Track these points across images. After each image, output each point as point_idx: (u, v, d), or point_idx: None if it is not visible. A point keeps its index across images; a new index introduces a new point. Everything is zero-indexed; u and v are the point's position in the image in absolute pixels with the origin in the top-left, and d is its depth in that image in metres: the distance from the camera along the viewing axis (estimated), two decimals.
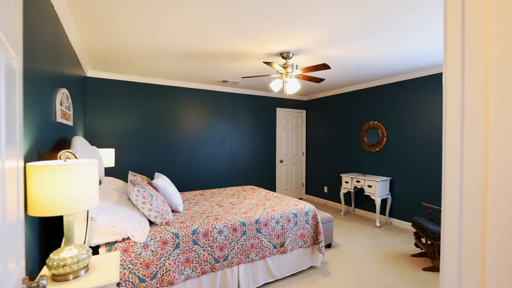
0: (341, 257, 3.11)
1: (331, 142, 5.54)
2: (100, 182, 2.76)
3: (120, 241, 1.86)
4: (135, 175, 2.80)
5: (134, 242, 1.89)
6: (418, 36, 2.63)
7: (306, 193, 6.28)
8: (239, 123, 5.36)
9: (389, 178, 4.32)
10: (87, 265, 1.28)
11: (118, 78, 4.15)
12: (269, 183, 5.77)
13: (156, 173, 2.90)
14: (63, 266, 1.17)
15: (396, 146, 4.30)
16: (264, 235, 2.51)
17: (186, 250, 2.09)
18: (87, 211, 1.60)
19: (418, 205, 4.01)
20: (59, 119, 2.00)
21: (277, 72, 3.17)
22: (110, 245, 1.83)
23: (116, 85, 4.16)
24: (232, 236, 2.33)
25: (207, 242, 2.19)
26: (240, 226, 2.39)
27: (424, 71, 3.87)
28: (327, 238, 3.30)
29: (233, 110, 5.28)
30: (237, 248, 2.34)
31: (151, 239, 1.96)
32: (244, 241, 2.38)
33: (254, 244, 2.44)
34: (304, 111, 6.25)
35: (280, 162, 5.90)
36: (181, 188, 4.71)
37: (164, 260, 1.97)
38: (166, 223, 2.17)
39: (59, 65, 2.13)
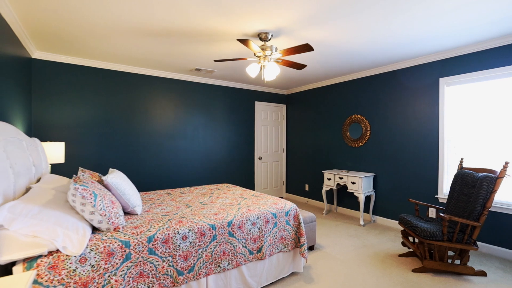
0: (325, 260, 2.82)
1: (313, 137, 5.29)
2: (38, 180, 2.26)
3: (45, 255, 1.42)
4: (84, 172, 2.33)
5: (67, 255, 1.46)
6: (408, 15, 2.39)
7: (287, 191, 5.99)
8: (214, 117, 4.95)
9: (373, 174, 4.12)
10: None
11: (73, 61, 3.60)
12: (247, 182, 5.41)
13: (110, 169, 2.44)
14: None
15: (380, 140, 4.11)
16: (238, 239, 2.14)
17: (140, 262, 1.67)
18: None
19: (403, 201, 3.83)
20: None
21: (254, 54, 2.83)
22: (30, 261, 1.38)
23: (70, 70, 3.61)
24: (199, 242, 1.94)
25: (167, 251, 1.79)
26: (209, 230, 2.01)
27: (409, 61, 3.69)
28: (310, 239, 3.00)
29: (208, 103, 4.87)
30: (206, 256, 1.96)
31: (91, 250, 1.53)
32: (214, 248, 2.01)
33: (226, 251, 2.06)
34: (284, 106, 5.97)
35: (259, 159, 5.56)
36: (148, 188, 4.23)
37: (109, 276, 1.55)
38: (115, 229, 1.74)
39: None
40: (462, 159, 2.96)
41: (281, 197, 5.89)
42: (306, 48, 2.55)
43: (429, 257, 2.64)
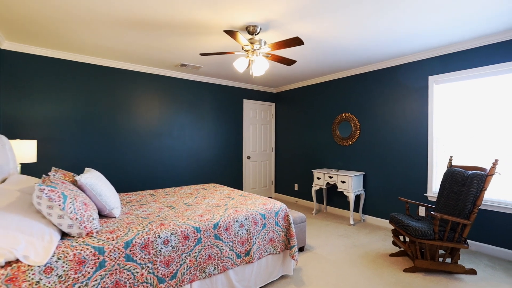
0: (316, 262, 2.74)
1: (302, 136, 5.22)
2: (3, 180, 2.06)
3: (2, 267, 1.24)
4: (57, 171, 2.14)
5: (29, 265, 1.28)
6: (397, 11, 2.33)
7: (276, 191, 5.90)
8: (202, 114, 4.79)
9: (363, 173, 4.09)
10: None
11: (47, 54, 3.36)
12: (235, 182, 5.28)
13: (86, 168, 2.25)
14: None
15: (370, 139, 4.08)
16: (225, 242, 2.01)
17: (116, 270, 1.51)
18: None
19: (392, 200, 3.81)
20: None
21: (242, 48, 2.70)
22: None
23: (45, 62, 3.36)
24: (183, 246, 1.80)
25: (147, 257, 1.64)
26: (194, 233, 1.87)
27: (398, 59, 3.67)
28: (300, 240, 2.90)
29: (195, 100, 4.70)
30: (190, 261, 1.82)
31: (59, 258, 1.36)
32: (199, 252, 1.87)
33: (212, 255, 1.93)
34: (273, 104, 5.87)
35: (248, 158, 5.44)
36: (132, 188, 4.03)
37: (79, 287, 1.39)
38: (88, 233, 1.58)
39: None
40: (451, 157, 2.95)
41: (270, 197, 5.80)
42: (296, 41, 2.45)
43: (421, 256, 2.60)
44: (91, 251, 1.46)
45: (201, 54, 2.76)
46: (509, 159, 2.87)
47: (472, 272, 2.53)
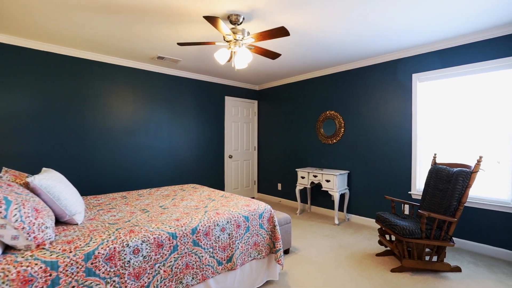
0: (302, 265, 2.60)
1: (286, 135, 5.10)
2: None
3: None
4: (7, 172, 1.85)
5: None
6: (383, 5, 2.25)
7: (259, 191, 5.74)
8: (181, 112, 4.53)
9: (347, 171, 4.03)
10: None
11: (1, 40, 2.98)
12: (217, 182, 5.06)
13: (43, 168, 1.97)
14: None
15: (354, 137, 4.03)
16: (204, 248, 1.82)
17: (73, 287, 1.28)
18: None
19: (376, 199, 3.78)
20: None
21: (224, 38, 2.52)
22: None
23: None
24: (156, 255, 1.59)
25: (112, 270, 1.41)
26: (169, 240, 1.66)
27: (383, 57, 3.64)
28: (285, 242, 2.76)
29: (173, 96, 4.44)
30: (164, 272, 1.61)
31: None
32: (175, 261, 1.66)
33: (190, 263, 1.73)
34: (256, 102, 5.71)
35: (229, 157, 5.24)
36: (102, 191, 3.70)
37: None
38: (38, 245, 1.33)
39: None
40: (435, 154, 2.94)
41: (253, 198, 5.64)
42: (281, 32, 2.31)
43: (409, 256, 2.54)
44: (41, 267, 1.22)
45: (179, 44, 2.54)
46: (490, 156, 2.90)
47: (457, 269, 2.51)
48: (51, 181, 1.69)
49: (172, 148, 4.42)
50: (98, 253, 1.39)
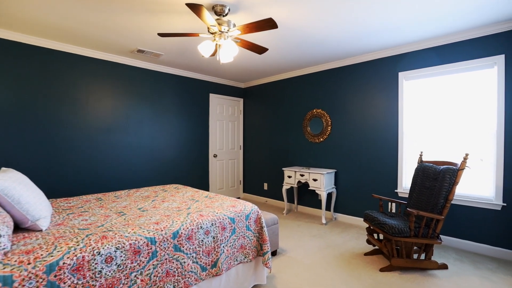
0: (290, 267, 2.51)
1: (272, 133, 5.01)
2: None
3: None
4: None
5: None
6: (371, 1, 2.21)
7: (244, 191, 5.62)
8: (163, 109, 4.33)
9: (334, 170, 3.99)
10: None
11: None
12: (201, 182, 4.89)
13: (3, 168, 1.75)
14: None
15: (341, 135, 4.00)
16: (187, 253, 1.68)
17: None
18: None
19: (363, 197, 3.76)
20: None
21: (208, 30, 2.38)
22: None
23: None
24: (132, 263, 1.43)
25: (80, 282, 1.25)
26: (147, 245, 1.51)
27: (369, 55, 3.63)
28: (273, 244, 2.66)
29: (155, 93, 4.23)
30: (142, 281, 1.45)
31: None
32: (154, 268, 1.51)
33: (170, 270, 1.59)
34: (242, 100, 5.59)
35: (214, 156, 5.08)
36: (76, 193, 3.45)
37: None
38: None
39: None
40: (421, 152, 2.94)
41: (239, 198, 5.51)
42: (269, 24, 2.20)
43: (397, 255, 2.52)
44: None
45: (160, 34, 2.37)
46: (473, 154, 2.93)
47: (444, 267, 2.51)
48: (10, 182, 1.49)
49: (154, 147, 4.21)
50: (64, 263, 1.22)
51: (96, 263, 1.31)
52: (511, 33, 2.68)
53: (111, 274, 1.35)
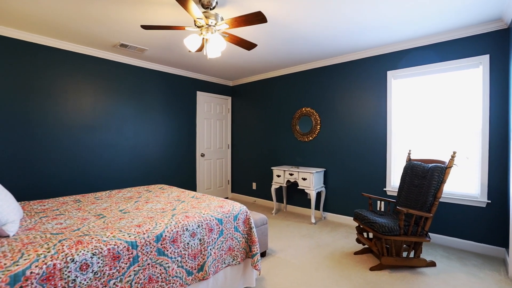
0: (280, 268, 2.45)
1: (261, 132, 4.94)
2: None
3: None
4: None
5: None
6: None
7: (232, 191, 5.53)
8: (148, 106, 4.17)
9: (324, 169, 3.97)
10: None
11: None
12: (188, 182, 4.76)
13: None
14: None
15: (330, 134, 3.98)
16: (171, 258, 1.58)
17: None
18: None
19: (352, 196, 3.75)
20: None
21: (195, 23, 2.28)
22: None
23: None
24: (111, 269, 1.32)
25: None
26: (127, 250, 1.40)
27: (358, 54, 3.62)
28: (262, 245, 2.59)
29: (140, 90, 4.07)
30: None
31: None
32: (135, 275, 1.41)
33: (153, 276, 1.48)
34: (230, 98, 5.49)
35: (201, 156, 4.96)
36: (53, 194, 3.25)
37: None
38: None
39: None
40: (410, 151, 2.95)
41: (227, 198, 5.41)
42: (258, 17, 2.12)
43: (387, 253, 2.50)
44: None
45: (143, 27, 2.25)
46: (459, 152, 2.97)
47: (433, 264, 2.52)
48: None
49: (139, 146, 4.05)
50: (31, 273, 1.10)
51: (69, 271, 1.19)
52: (496, 34, 2.72)
53: (87, 282, 1.24)
